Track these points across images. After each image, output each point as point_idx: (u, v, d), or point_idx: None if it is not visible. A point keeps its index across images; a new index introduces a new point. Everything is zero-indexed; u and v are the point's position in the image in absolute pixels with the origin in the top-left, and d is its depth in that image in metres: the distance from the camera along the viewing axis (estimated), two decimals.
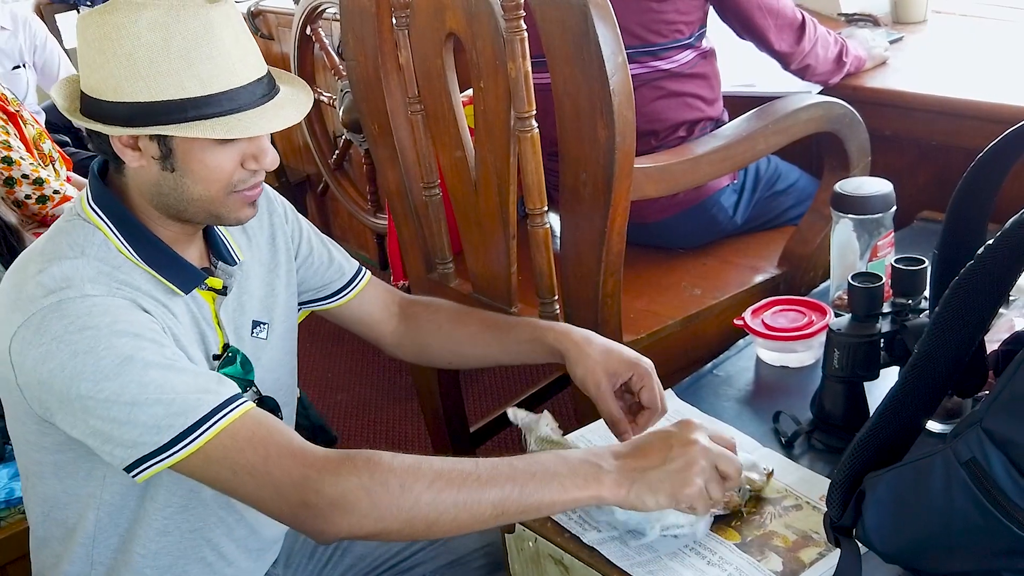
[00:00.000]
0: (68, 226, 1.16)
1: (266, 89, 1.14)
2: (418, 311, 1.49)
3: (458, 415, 2.26)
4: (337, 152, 3.31)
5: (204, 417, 1.05)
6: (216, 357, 1.23)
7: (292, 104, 1.17)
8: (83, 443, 1.09)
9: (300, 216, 1.43)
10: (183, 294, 1.19)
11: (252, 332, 1.30)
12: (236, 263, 1.28)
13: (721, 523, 1.13)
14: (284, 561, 1.45)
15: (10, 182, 2.18)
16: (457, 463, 1.06)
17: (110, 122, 1.09)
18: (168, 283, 1.17)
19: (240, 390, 1.11)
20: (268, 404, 1.30)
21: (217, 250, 1.27)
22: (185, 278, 1.19)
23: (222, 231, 1.29)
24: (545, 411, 1.28)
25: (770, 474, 1.17)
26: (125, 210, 1.16)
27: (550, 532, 1.16)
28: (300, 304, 1.45)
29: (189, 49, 1.06)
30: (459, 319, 1.46)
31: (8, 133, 2.24)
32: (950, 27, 2.42)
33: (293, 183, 3.83)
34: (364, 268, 1.50)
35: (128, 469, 1.07)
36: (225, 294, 1.25)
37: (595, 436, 1.31)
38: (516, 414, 1.28)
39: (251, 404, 1.09)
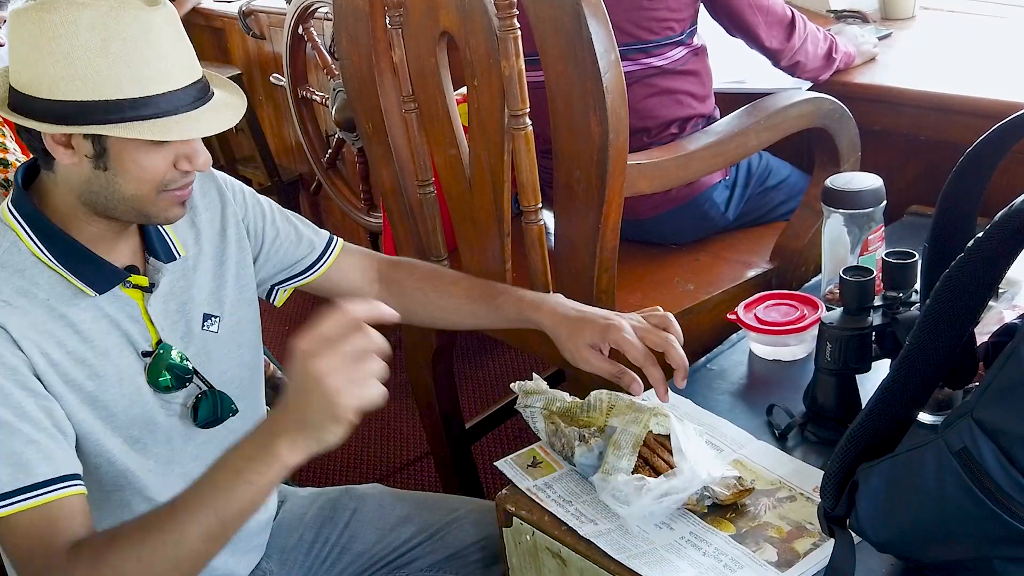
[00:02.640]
0: None
1: (200, 93, 1.14)
2: (400, 278, 1.50)
3: (453, 411, 2.27)
4: (330, 151, 3.32)
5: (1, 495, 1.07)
6: (147, 354, 1.24)
7: (227, 108, 1.18)
8: None
9: (261, 198, 1.43)
10: (95, 295, 1.19)
11: (203, 325, 1.31)
12: (176, 259, 1.28)
13: (716, 515, 1.15)
14: (278, 558, 1.46)
15: (5, 184, 2.19)
16: (155, 514, 1.07)
17: (44, 119, 1.09)
18: (79, 284, 1.17)
19: (66, 472, 1.11)
20: (223, 401, 1.31)
21: (152, 247, 1.27)
22: (100, 278, 1.19)
23: (164, 227, 1.29)
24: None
25: (746, 491, 1.16)
26: (40, 212, 1.17)
27: (547, 526, 1.18)
28: (279, 284, 1.47)
29: (128, 51, 1.07)
30: (444, 289, 1.48)
31: (4, 136, 2.24)
32: (938, 23, 2.43)
33: (286, 182, 3.83)
34: (336, 237, 1.50)
35: None
36: (151, 291, 1.25)
37: None
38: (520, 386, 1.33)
39: (56, 495, 1.09)
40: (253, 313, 1.40)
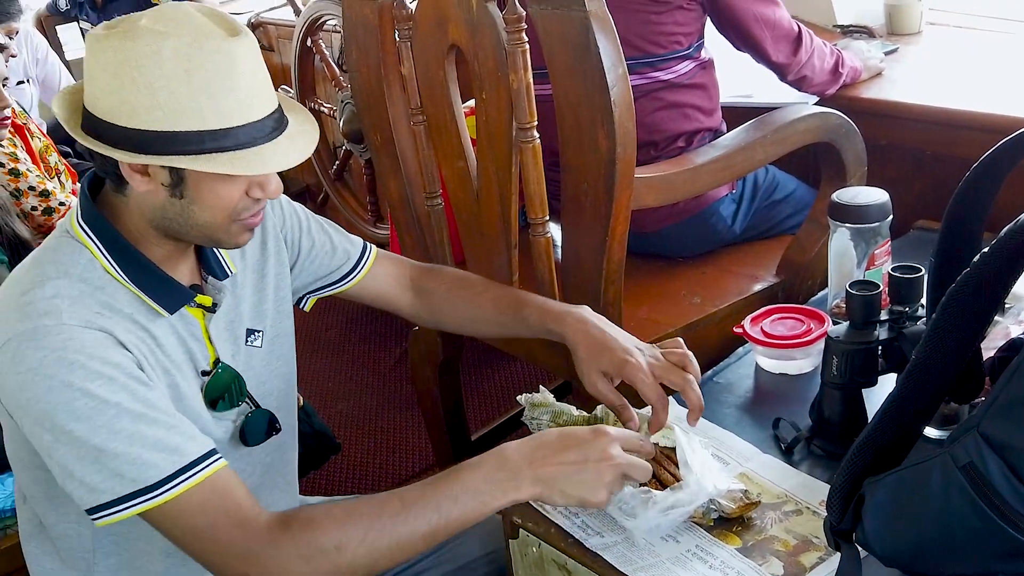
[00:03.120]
0: (56, 243, 1.17)
1: (276, 123, 1.13)
2: (432, 287, 1.51)
3: (459, 423, 2.27)
4: (337, 163, 3.33)
5: (165, 479, 1.07)
6: (205, 373, 1.24)
7: (302, 136, 1.17)
8: None
9: (296, 206, 1.43)
10: (168, 314, 1.19)
11: (247, 341, 1.31)
12: (229, 275, 1.29)
13: (722, 528, 1.15)
14: None
15: (17, 194, 2.20)
16: (385, 502, 1.10)
17: (121, 146, 1.08)
18: (153, 304, 1.17)
19: (211, 447, 1.12)
20: (268, 418, 1.32)
21: (208, 265, 1.27)
22: (171, 298, 1.19)
23: None
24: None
25: (752, 504, 1.17)
26: (114, 230, 1.16)
27: (554, 538, 1.18)
28: (311, 292, 1.47)
29: (211, 82, 1.06)
30: (473, 300, 1.48)
31: (16, 146, 2.26)
32: (945, 38, 2.44)
33: (293, 193, 3.84)
34: (370, 245, 1.50)
35: (88, 512, 1.08)
36: (214, 311, 1.25)
37: None
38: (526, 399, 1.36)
39: (214, 467, 1.10)
40: (290, 325, 1.40)
